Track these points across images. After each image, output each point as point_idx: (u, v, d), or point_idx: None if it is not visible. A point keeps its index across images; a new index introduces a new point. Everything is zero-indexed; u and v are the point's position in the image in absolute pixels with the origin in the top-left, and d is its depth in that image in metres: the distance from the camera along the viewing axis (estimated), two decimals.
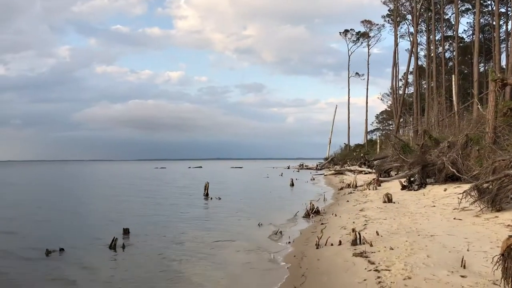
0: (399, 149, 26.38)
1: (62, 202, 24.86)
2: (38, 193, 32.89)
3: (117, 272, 9.53)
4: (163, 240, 12.88)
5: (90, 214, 19.27)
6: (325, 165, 70.85)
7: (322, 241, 10.47)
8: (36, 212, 20.29)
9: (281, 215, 17.36)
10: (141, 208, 21.30)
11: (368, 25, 73.80)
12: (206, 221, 16.71)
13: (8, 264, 10.11)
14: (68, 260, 10.52)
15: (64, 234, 13.79)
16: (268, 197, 26.29)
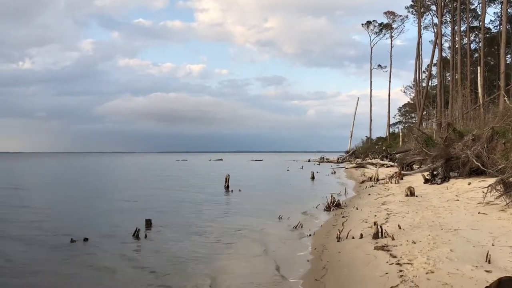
0: (422, 142, 25.96)
1: (86, 193, 25.35)
2: (63, 184, 33.61)
3: (139, 261, 9.68)
4: (184, 231, 13.02)
5: (113, 205, 19.58)
6: (346, 158, 70.37)
7: (343, 234, 10.41)
8: (61, 202, 20.75)
9: (302, 208, 17.33)
10: (163, 199, 21.56)
11: (391, 16, 72.64)
12: (226, 213, 16.81)
13: (34, 252, 10.39)
14: (92, 248, 10.74)
15: (88, 224, 14.08)
16: (289, 190, 26.26)
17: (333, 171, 44.47)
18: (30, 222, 14.62)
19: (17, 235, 12.37)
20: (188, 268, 9.04)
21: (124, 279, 8.28)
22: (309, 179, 34.35)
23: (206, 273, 8.63)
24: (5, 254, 10.24)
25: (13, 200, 21.06)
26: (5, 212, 16.92)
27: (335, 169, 47.58)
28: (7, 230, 13.14)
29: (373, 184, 24.60)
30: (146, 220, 13.74)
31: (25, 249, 10.69)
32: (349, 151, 76.28)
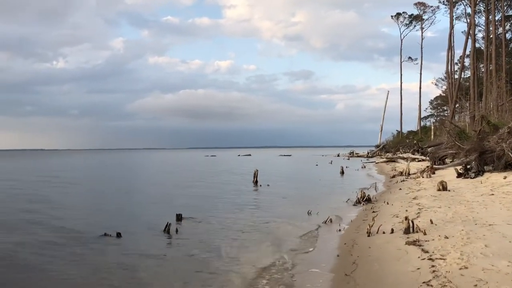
0: (455, 136, 25.36)
1: (118, 188, 25.91)
2: (97, 179, 34.47)
3: (170, 255, 9.84)
4: (214, 225, 13.17)
5: (145, 200, 19.97)
6: (376, 153, 69.45)
7: (373, 229, 10.30)
8: (95, 197, 21.31)
9: (331, 203, 17.22)
10: (192, 194, 21.83)
11: (422, 7, 70.95)
12: (255, 208, 16.88)
13: (67, 247, 10.66)
14: (124, 243, 10.98)
15: (120, 219, 14.42)
16: (318, 185, 26.14)
17: (363, 166, 43.96)
18: (64, 216, 15.07)
19: (51, 229, 12.79)
20: (219, 261, 9.15)
21: (156, 274, 8.44)
22: (338, 174, 34.07)
23: (237, 266, 8.72)
24: (39, 247, 10.60)
25: (48, 194, 21.74)
26: (42, 207, 17.49)
27: (365, 164, 47.01)
28: (43, 224, 13.59)
29: (404, 179, 24.19)
30: (177, 214, 13.96)
31: (58, 243, 10.98)
32: (379, 145, 75.18)
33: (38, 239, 11.51)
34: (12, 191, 23.97)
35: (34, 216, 15.28)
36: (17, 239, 11.45)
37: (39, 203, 18.80)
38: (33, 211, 16.49)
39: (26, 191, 23.99)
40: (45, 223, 13.85)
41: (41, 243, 11.05)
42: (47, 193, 23.11)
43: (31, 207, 17.42)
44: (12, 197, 21.29)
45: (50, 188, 25.68)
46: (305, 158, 78.91)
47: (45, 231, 12.52)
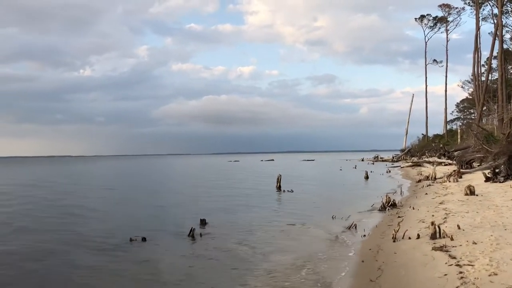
0: (482, 139, 24.83)
1: (145, 194, 26.27)
2: (122, 185, 35.00)
3: (195, 259, 9.92)
4: (238, 230, 13.20)
5: (170, 205, 20.17)
6: (401, 157, 68.42)
7: (399, 234, 10.16)
8: (120, 202, 21.62)
9: (356, 208, 17.06)
10: (216, 199, 21.94)
11: (447, 9, 69.72)
12: (278, 213, 16.84)
13: (94, 250, 10.88)
14: (150, 248, 11.12)
15: (146, 224, 14.59)
16: (342, 190, 25.92)
17: (388, 170, 43.37)
18: (91, 222, 15.36)
19: (78, 234, 13.03)
20: (244, 266, 9.17)
21: (181, 278, 8.51)
22: (362, 179, 33.72)
23: (261, 271, 8.73)
24: (67, 252, 10.83)
25: (75, 200, 22.19)
26: (69, 212, 17.87)
27: (390, 168, 46.37)
28: (70, 229, 13.87)
29: (430, 183, 23.76)
30: (201, 219, 14.08)
31: (85, 248, 11.20)
32: (404, 149, 74.04)
33: (65, 243, 11.77)
34: (44, 197, 24.60)
35: (61, 221, 15.66)
36: (46, 243, 11.75)
37: (67, 208, 19.24)
38: (60, 216, 16.90)
39: (55, 197, 24.55)
40: (73, 228, 14.13)
41: (66, 247, 11.28)
42: (75, 198, 23.60)
43: (60, 212, 17.85)
44: (43, 202, 21.83)
45: (75, 192, 26.22)
46: (328, 163, 78.35)
47: (72, 236, 12.77)
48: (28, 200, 22.99)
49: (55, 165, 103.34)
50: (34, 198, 24.11)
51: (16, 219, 16.29)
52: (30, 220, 16.03)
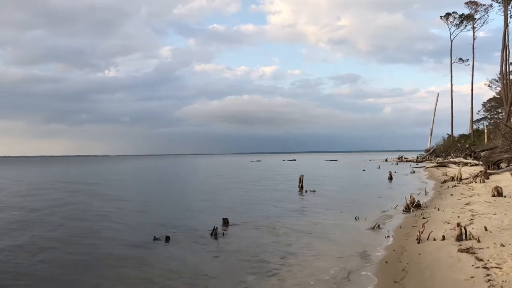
0: (511, 139, 24.18)
1: (168, 193, 26.59)
2: (147, 185, 35.46)
3: (217, 259, 9.99)
4: (260, 230, 13.23)
5: (193, 204, 20.35)
6: (426, 157, 67.36)
7: (423, 235, 10.02)
8: (145, 201, 21.91)
9: (379, 209, 16.89)
10: (238, 199, 22.04)
11: (473, 6, 68.27)
12: (300, 213, 16.80)
13: (119, 249, 11.05)
14: (173, 246, 11.25)
15: (169, 222, 14.75)
16: (365, 191, 25.69)
17: (412, 171, 42.76)
18: (116, 221, 15.61)
19: (104, 233, 13.27)
20: (266, 266, 9.19)
21: (203, 278, 8.58)
22: (386, 179, 33.33)
23: (284, 271, 8.74)
24: (93, 250, 11.04)
25: (101, 200, 22.61)
26: (94, 214, 18.22)
27: (414, 169, 45.70)
28: (96, 228, 14.14)
29: (455, 184, 23.33)
30: (223, 219, 14.17)
31: (110, 247, 11.40)
32: (429, 149, 72.84)
33: (91, 242, 12.02)
34: (71, 195, 25.16)
35: (90, 219, 15.98)
36: (75, 242, 12.03)
37: (93, 210, 19.62)
38: (88, 215, 17.25)
39: (84, 196, 25.07)
40: (95, 227, 14.39)
41: (92, 247, 11.51)
42: (96, 198, 24.04)
43: (87, 213, 18.22)
44: (71, 200, 22.32)
45: (101, 191, 26.71)
46: (351, 163, 77.70)
47: (93, 237, 12.99)
48: (59, 198, 23.57)
49: (83, 165, 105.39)
50: (67, 196, 24.69)
51: (48, 215, 16.71)
52: (63, 216, 16.41)
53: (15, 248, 11.21)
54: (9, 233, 13.33)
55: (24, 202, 21.65)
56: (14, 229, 13.93)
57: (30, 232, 13.32)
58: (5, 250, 10.89)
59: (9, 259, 10.09)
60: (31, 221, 15.69)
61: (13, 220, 15.86)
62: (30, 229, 13.97)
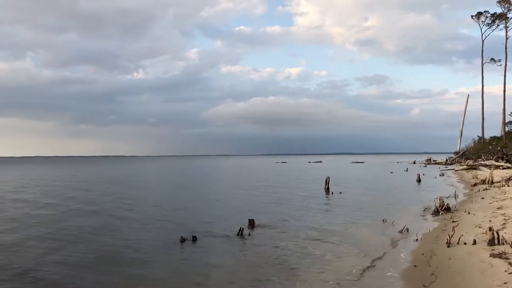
0: None
1: (195, 194, 26.83)
2: (173, 185, 35.90)
3: (243, 259, 10.04)
4: (285, 231, 13.19)
5: (219, 205, 20.48)
6: (455, 160, 65.85)
7: (453, 239, 9.80)
8: (171, 202, 22.16)
9: (407, 212, 16.62)
10: (264, 200, 22.03)
11: (506, 4, 66.22)
12: (327, 215, 16.67)
13: (146, 249, 11.18)
14: (200, 246, 11.34)
15: (196, 223, 14.89)
16: (393, 193, 25.31)
17: (441, 174, 41.88)
18: (144, 221, 15.85)
19: (132, 232, 13.51)
20: (290, 267, 9.17)
21: (229, 279, 8.60)
22: (414, 182, 32.76)
23: (309, 273, 8.70)
24: (122, 251, 11.25)
25: (129, 200, 22.98)
26: (122, 212, 18.56)
27: (444, 171, 44.73)
28: (125, 228, 14.40)
29: (486, 187, 22.75)
30: (249, 219, 14.20)
31: (139, 247, 11.55)
32: (458, 152, 71.13)
33: (119, 242, 12.26)
34: (101, 194, 25.72)
35: (120, 218, 16.30)
36: (108, 241, 12.29)
37: (123, 209, 19.99)
38: (119, 217, 17.58)
39: (116, 195, 25.57)
40: (124, 228, 14.65)
41: (121, 246, 11.72)
42: (131, 197, 24.46)
43: (121, 212, 18.58)
44: (101, 200, 22.81)
45: (130, 192, 27.17)
46: (378, 165, 76.70)
47: (122, 237, 13.21)
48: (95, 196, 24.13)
49: (112, 165, 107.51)
50: (102, 195, 25.26)
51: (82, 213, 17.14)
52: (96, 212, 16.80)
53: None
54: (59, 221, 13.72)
55: (61, 200, 22.28)
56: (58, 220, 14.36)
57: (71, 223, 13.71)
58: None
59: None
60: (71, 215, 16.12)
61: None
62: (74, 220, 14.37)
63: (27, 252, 10.69)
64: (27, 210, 18.60)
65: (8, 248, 11.17)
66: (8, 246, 11.41)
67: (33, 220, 15.82)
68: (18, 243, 11.71)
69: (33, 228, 14.12)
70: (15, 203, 21.37)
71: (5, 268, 9.27)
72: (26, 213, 17.82)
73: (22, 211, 18.40)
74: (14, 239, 12.22)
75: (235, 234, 12.46)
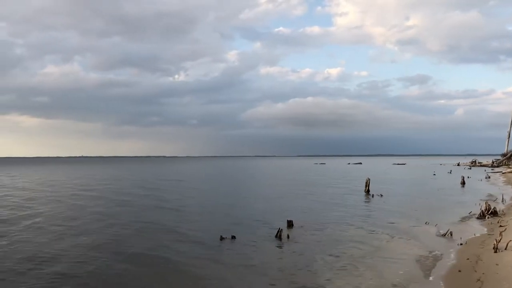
0: None
1: (235, 193, 27.10)
2: (213, 185, 36.31)
3: (282, 261, 10.01)
4: (324, 233, 13.09)
5: (258, 205, 20.53)
6: (502, 162, 63.35)
7: (501, 245, 9.44)
8: (211, 202, 22.44)
9: (451, 215, 16.13)
10: (303, 201, 21.93)
11: None
12: (367, 218, 16.38)
13: (187, 247, 11.40)
14: (239, 247, 11.43)
15: (235, 222, 15.02)
16: (436, 196, 24.60)
17: (487, 176, 40.34)
18: (186, 219, 16.13)
19: (174, 231, 13.76)
20: (329, 269, 9.10)
21: (270, 282, 8.58)
22: (458, 185, 31.74)
23: (346, 274, 8.60)
24: (164, 250, 11.49)
25: (170, 199, 23.45)
26: (162, 213, 18.96)
27: (490, 174, 43.11)
28: (168, 226, 14.71)
29: None
30: (288, 220, 14.18)
31: (180, 245, 11.77)
32: (506, 153, 68.37)
33: (168, 240, 12.54)
34: (146, 193, 26.40)
35: (163, 217, 16.67)
36: (150, 240, 12.61)
37: (167, 209, 20.44)
38: (161, 217, 17.99)
39: (157, 194, 26.18)
40: (167, 225, 14.97)
41: (169, 244, 11.99)
42: (173, 196, 24.97)
43: (163, 212, 19.02)
44: (143, 199, 23.42)
45: (172, 191, 27.73)
46: (421, 167, 74.71)
47: (165, 236, 13.48)
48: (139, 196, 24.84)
49: (157, 165, 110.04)
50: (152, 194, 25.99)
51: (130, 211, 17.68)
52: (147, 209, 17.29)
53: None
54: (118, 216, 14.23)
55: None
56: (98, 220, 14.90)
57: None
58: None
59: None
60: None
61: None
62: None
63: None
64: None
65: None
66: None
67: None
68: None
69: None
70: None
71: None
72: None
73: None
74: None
75: (274, 234, 12.47)
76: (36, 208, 19.22)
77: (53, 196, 24.64)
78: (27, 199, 23.24)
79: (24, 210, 18.61)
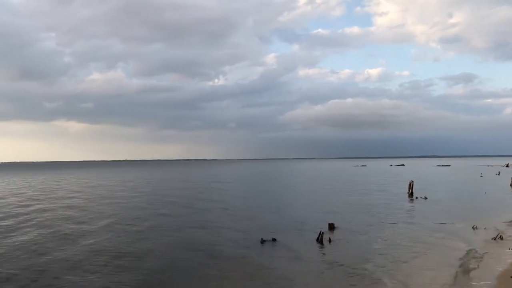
0: None
1: (276, 196, 27.18)
2: (255, 188, 36.50)
3: (324, 265, 9.87)
4: (367, 237, 12.87)
5: (300, 207, 20.47)
6: None
7: None
8: (253, 204, 22.58)
9: (501, 218, 15.50)
10: (344, 203, 21.66)
11: None
12: (411, 221, 15.95)
13: (229, 250, 11.51)
14: (280, 249, 11.42)
15: (276, 225, 15.01)
16: (483, 199, 23.69)
17: None
18: (227, 222, 16.29)
19: (216, 234, 13.91)
20: (371, 274, 8.90)
21: (307, 283, 8.54)
22: (508, 187, 30.45)
23: (389, 280, 8.42)
24: (205, 250, 11.64)
25: (213, 201, 23.77)
26: (204, 214, 19.24)
27: None
28: (210, 229, 14.90)
29: None
30: (329, 223, 14.06)
31: (222, 248, 11.85)
32: None
33: (210, 242, 12.72)
34: (187, 195, 26.91)
35: (206, 219, 16.95)
36: (193, 241, 12.85)
37: (209, 211, 20.76)
38: (204, 220, 18.28)
39: (198, 196, 26.61)
40: (209, 228, 15.17)
41: (210, 245, 12.15)
42: (214, 198, 25.32)
43: (203, 216, 19.35)
44: (186, 200, 23.89)
45: (213, 194, 28.11)
46: (466, 169, 72.15)
47: (207, 237, 13.65)
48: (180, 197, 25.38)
49: (199, 168, 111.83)
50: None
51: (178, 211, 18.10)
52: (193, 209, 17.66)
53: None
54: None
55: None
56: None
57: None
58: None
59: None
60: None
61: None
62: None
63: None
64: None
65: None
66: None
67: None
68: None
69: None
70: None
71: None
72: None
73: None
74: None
75: (315, 238, 12.37)
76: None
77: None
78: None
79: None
